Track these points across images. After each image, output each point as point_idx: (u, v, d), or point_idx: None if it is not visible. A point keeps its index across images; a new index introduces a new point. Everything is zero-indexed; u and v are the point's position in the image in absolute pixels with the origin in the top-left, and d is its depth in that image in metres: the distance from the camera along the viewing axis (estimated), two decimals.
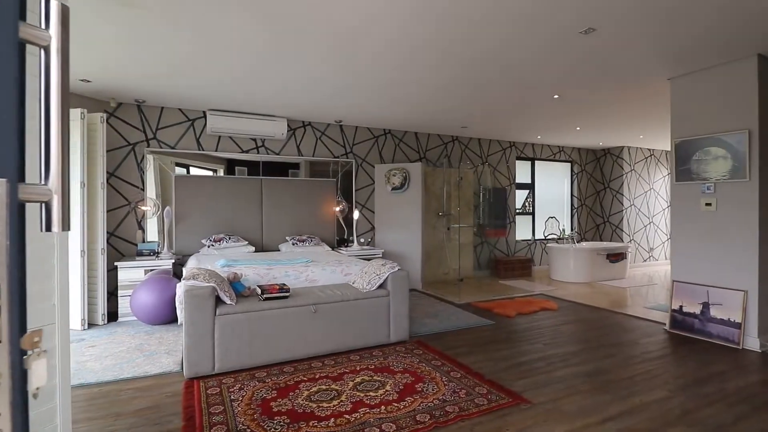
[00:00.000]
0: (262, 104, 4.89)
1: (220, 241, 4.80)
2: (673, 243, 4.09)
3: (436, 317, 4.40)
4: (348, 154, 6.06)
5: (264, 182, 5.39)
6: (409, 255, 6.01)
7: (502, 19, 2.76)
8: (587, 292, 5.84)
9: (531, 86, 4.26)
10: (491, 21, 2.78)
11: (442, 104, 4.96)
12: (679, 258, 4.04)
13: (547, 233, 8.02)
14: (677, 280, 4.02)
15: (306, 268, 3.74)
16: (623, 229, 8.26)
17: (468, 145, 7.13)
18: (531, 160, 7.99)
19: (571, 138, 7.37)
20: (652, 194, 8.67)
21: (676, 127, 4.04)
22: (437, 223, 6.67)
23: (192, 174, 5.14)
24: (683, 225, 4.00)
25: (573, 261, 6.71)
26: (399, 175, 5.98)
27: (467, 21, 2.78)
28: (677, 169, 4.02)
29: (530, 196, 8.03)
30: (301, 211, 5.58)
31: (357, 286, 3.54)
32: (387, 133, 6.37)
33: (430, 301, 5.20)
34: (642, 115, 5.54)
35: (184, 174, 5.07)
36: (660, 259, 8.78)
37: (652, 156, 8.66)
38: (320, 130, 5.87)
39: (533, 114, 5.47)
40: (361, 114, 5.45)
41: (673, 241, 4.09)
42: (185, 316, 2.78)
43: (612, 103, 4.94)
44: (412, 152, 6.58)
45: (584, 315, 4.59)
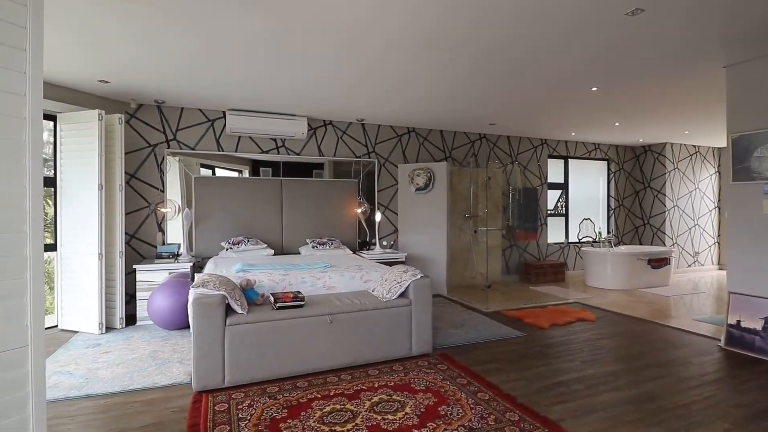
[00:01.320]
0: (281, 103, 4.74)
1: (238, 244, 4.69)
2: (729, 250, 3.66)
3: (462, 327, 4.12)
4: (370, 154, 5.86)
5: (284, 183, 5.25)
6: (433, 258, 5.74)
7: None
8: (627, 301, 5.41)
9: (567, 77, 3.91)
10: (522, 1, 2.50)
11: (469, 99, 4.67)
12: (736, 267, 3.61)
13: (582, 236, 7.56)
14: (734, 291, 3.60)
15: (323, 274, 3.55)
16: (665, 232, 7.70)
17: (496, 143, 6.78)
18: (564, 159, 7.56)
19: (609, 134, 6.90)
20: (698, 194, 8.05)
21: (733, 120, 3.60)
22: (463, 225, 6.37)
23: (211, 175, 5.05)
24: (741, 230, 3.56)
25: (611, 266, 6.27)
26: (423, 175, 5.72)
27: (495, 1, 2.50)
28: (734, 167, 3.59)
29: (563, 197, 7.59)
30: (322, 213, 5.41)
31: (377, 295, 3.32)
32: (411, 131, 6.12)
33: (455, 308, 4.92)
34: (690, 108, 5.06)
35: (203, 175, 4.99)
36: (706, 264, 8.15)
37: (697, 153, 8.04)
38: (341, 130, 5.68)
39: (568, 109, 5.10)
40: (383, 112, 5.23)
41: (730, 248, 3.66)
42: (193, 326, 2.63)
43: (657, 95, 4.52)
44: (437, 151, 6.31)
45: (626, 327, 4.20)
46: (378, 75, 3.80)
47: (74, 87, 4.05)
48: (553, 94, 4.43)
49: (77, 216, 3.91)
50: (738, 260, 3.59)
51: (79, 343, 3.65)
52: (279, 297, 2.94)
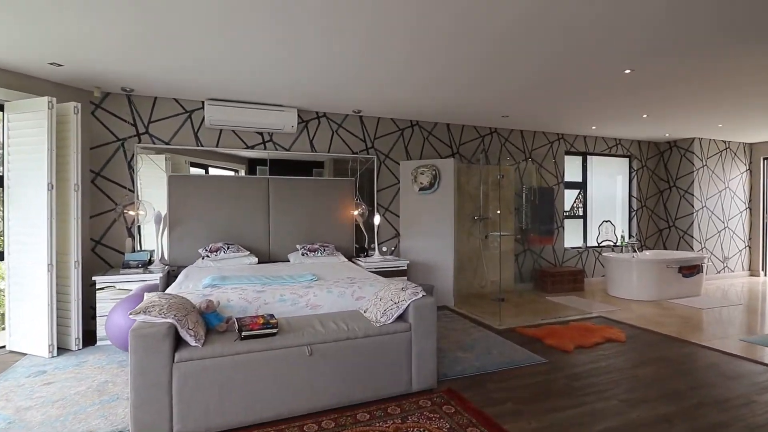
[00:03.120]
0: (268, 92, 4.18)
1: (217, 251, 4.13)
2: None
3: (472, 350, 3.53)
4: (369, 150, 5.28)
5: (271, 182, 4.69)
6: (439, 266, 5.15)
7: None
8: (657, 315, 4.78)
9: (597, 57, 3.31)
10: None
11: (480, 86, 4.08)
12: None
13: (601, 240, 6.92)
14: None
15: (307, 291, 2.98)
16: (693, 235, 7.04)
17: (509, 138, 6.17)
18: (582, 155, 6.92)
19: (633, 128, 6.26)
20: (728, 194, 7.38)
21: None
22: (472, 229, 5.77)
23: (187, 174, 4.50)
24: None
25: (636, 274, 5.64)
26: (428, 173, 5.13)
27: None
28: None
29: (581, 197, 6.96)
30: (314, 216, 4.84)
31: (369, 317, 2.74)
32: (414, 125, 5.53)
33: (463, 324, 4.33)
34: (733, 93, 4.41)
35: (178, 174, 4.44)
36: (737, 270, 7.47)
37: (727, 149, 7.37)
38: (337, 122, 5.11)
39: (593, 97, 4.47)
40: (383, 102, 4.64)
41: None
42: (131, 365, 2.07)
43: (701, 79, 3.88)
44: (444, 147, 5.71)
45: (663, 350, 3.58)
46: (378, 55, 3.22)
47: (23, 71, 3.51)
48: (580, 77, 3.82)
49: (24, 220, 3.37)
50: None
51: (21, 370, 3.11)
52: (246, 323, 2.37)
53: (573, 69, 3.59)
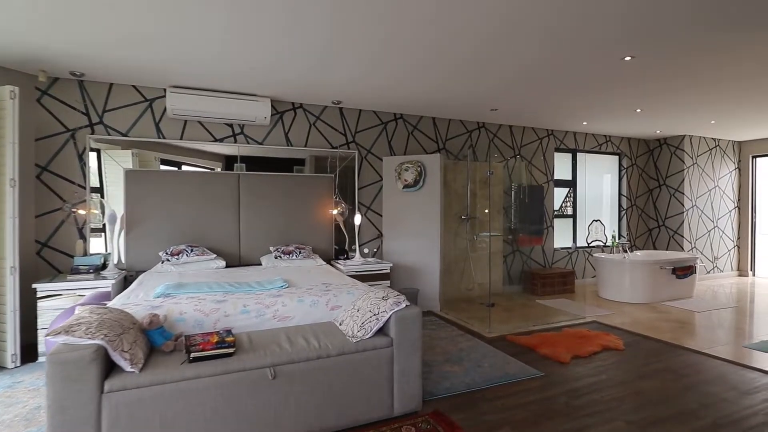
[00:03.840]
0: (237, 79, 3.80)
1: (179, 255, 3.73)
2: None
3: (461, 362, 3.21)
4: (349, 144, 4.92)
5: (242, 179, 4.29)
6: (424, 269, 4.83)
7: None
8: (653, 319, 4.55)
9: (595, 42, 3.02)
10: None
11: (467, 76, 3.76)
12: None
13: (591, 240, 6.71)
14: None
15: (276, 300, 2.61)
16: (683, 235, 6.88)
17: (497, 133, 5.89)
18: (572, 152, 6.69)
19: (625, 124, 6.05)
20: (717, 193, 7.25)
21: None
22: (459, 229, 5.47)
23: (146, 169, 4.08)
24: None
25: (629, 276, 5.41)
26: (412, 169, 4.81)
27: None
28: None
29: (570, 195, 6.73)
30: (290, 215, 4.47)
31: (345, 330, 2.39)
32: (398, 118, 5.19)
33: (451, 332, 4.01)
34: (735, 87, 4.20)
35: (136, 169, 4.02)
36: (726, 270, 7.35)
37: (717, 147, 7.24)
38: (314, 114, 4.74)
39: (588, 88, 4.21)
40: (364, 93, 4.30)
41: None
42: (48, 396, 1.68)
43: (702, 68, 3.64)
44: (429, 142, 5.39)
45: (665, 359, 3.33)
46: (352, 38, 2.87)
47: None
48: (577, 65, 3.53)
49: None
50: None
51: None
52: (196, 342, 2.00)
53: (569, 56, 3.30)
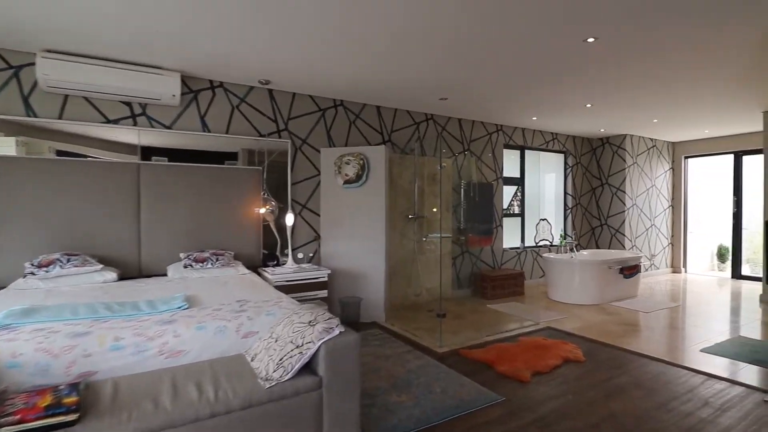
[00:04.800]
0: (136, 45, 3.02)
1: (50, 265, 2.88)
2: None
3: (409, 388, 2.70)
4: (281, 133, 4.25)
5: (144, 170, 3.49)
6: (368, 274, 4.28)
7: None
8: (605, 322, 4.35)
9: (557, 21, 2.64)
10: None
11: (412, 56, 3.27)
12: None
13: (539, 239, 6.54)
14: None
15: (165, 328, 1.94)
16: (624, 234, 6.93)
17: (446, 126, 5.49)
18: (521, 149, 6.48)
19: (572, 122, 5.90)
20: (654, 192, 7.41)
21: None
22: (406, 229, 4.99)
23: (9, 155, 3.16)
24: None
25: (578, 276, 5.23)
26: (354, 162, 4.25)
27: None
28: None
29: (519, 193, 6.51)
30: (207, 215, 3.73)
31: (256, 369, 1.78)
32: (338, 105, 4.60)
33: (397, 347, 3.50)
34: (686, 87, 4.07)
35: None
36: (661, 267, 7.54)
37: (654, 147, 7.39)
38: (238, 96, 4.02)
39: (544, 77, 3.88)
40: (298, 73, 3.67)
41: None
42: None
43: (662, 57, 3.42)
44: (373, 133, 4.86)
45: (629, 371, 3.04)
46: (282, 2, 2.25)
47: None
48: (535, 46, 3.15)
49: None
50: None
51: None
52: (13, 409, 1.30)
53: (529, 36, 2.91)
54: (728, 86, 4.18)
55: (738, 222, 6.93)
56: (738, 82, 4.03)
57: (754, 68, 3.67)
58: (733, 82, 4.03)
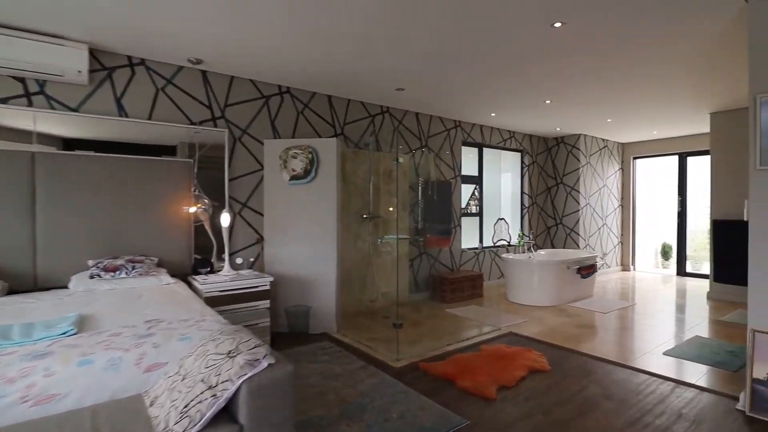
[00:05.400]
0: (32, 5, 2.43)
1: None
2: (753, 269, 2.46)
3: (363, 415, 2.33)
4: (217, 121, 3.74)
5: (39, 159, 2.88)
6: (318, 279, 3.87)
7: None
8: (566, 325, 4.20)
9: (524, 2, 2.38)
10: None
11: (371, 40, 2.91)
12: (763, 294, 2.42)
13: (497, 239, 6.39)
14: (761, 329, 2.41)
15: (35, 364, 1.45)
16: (579, 233, 6.95)
17: (403, 120, 5.17)
18: (479, 147, 6.30)
19: (530, 119, 5.79)
20: (605, 191, 7.52)
21: (763, 75, 2.41)
22: (360, 230, 4.62)
23: None
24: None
25: (537, 277, 5.10)
26: (302, 156, 3.82)
27: None
28: (763, 145, 2.40)
29: (477, 193, 6.33)
30: (123, 215, 3.16)
31: (154, 419, 1.33)
32: (284, 92, 4.15)
33: (349, 363, 3.11)
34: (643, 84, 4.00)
35: None
36: (612, 265, 7.66)
37: (605, 147, 7.49)
38: (164, 76, 3.47)
39: (504, 65, 3.64)
40: (236, 53, 3.20)
41: (753, 266, 2.46)
42: None
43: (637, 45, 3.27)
44: (324, 125, 4.44)
45: (598, 380, 2.84)
46: None
47: None
48: (499, 31, 2.88)
49: None
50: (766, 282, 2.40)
51: None
52: None
53: (491, 21, 2.63)
54: (680, 86, 4.17)
55: (683, 221, 7.15)
56: (690, 81, 4.01)
57: (705, 70, 3.63)
58: (688, 80, 4.00)
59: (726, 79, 4.01)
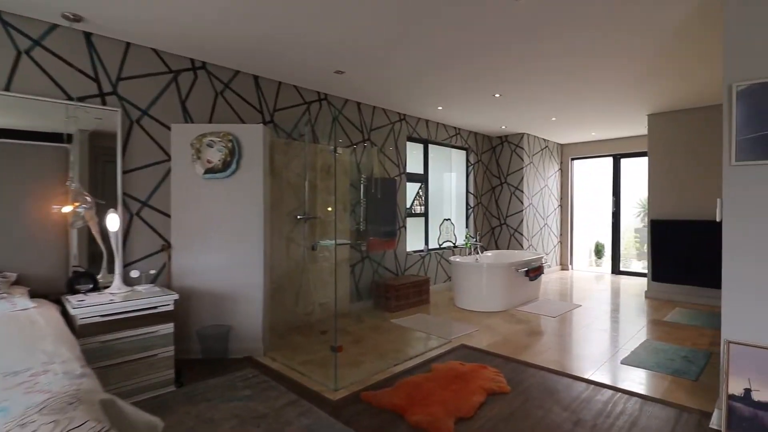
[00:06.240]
0: None
1: None
2: (727, 275, 2.24)
3: None
4: (105, 97, 2.97)
5: None
6: (241, 293, 3.23)
7: None
8: (519, 333, 3.93)
9: None
10: None
11: (306, 4, 2.37)
12: (738, 301, 2.20)
13: (443, 241, 6.08)
14: (736, 341, 2.20)
15: None
16: (522, 233, 6.85)
17: (343, 110, 4.65)
18: (425, 143, 5.94)
19: (476, 115, 5.52)
20: (546, 192, 7.53)
21: (740, 62, 2.19)
22: (294, 233, 4.03)
23: None
24: (751, 242, 2.17)
25: (486, 281, 4.81)
26: (220, 145, 3.16)
27: None
28: (740, 138, 2.18)
29: (422, 192, 5.96)
30: None
31: None
32: (198, 67, 3.45)
33: (276, 398, 2.53)
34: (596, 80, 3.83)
35: None
36: (552, 265, 7.70)
37: (546, 148, 7.50)
38: (29, 36, 2.66)
39: (456, 50, 3.25)
40: (133, 11, 2.49)
41: (727, 271, 2.24)
42: None
43: (582, 35, 3.01)
44: (249, 110, 3.80)
45: (560, 400, 2.52)
46: None
47: None
48: (451, 4, 2.47)
49: None
50: (743, 290, 2.18)
51: None
52: None
53: None
54: (624, 83, 4.07)
55: (617, 221, 7.32)
56: (632, 79, 3.91)
57: (649, 68, 3.52)
58: (630, 77, 3.89)
59: (667, 79, 3.98)
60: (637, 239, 9.09)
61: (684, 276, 5.14)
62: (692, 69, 3.71)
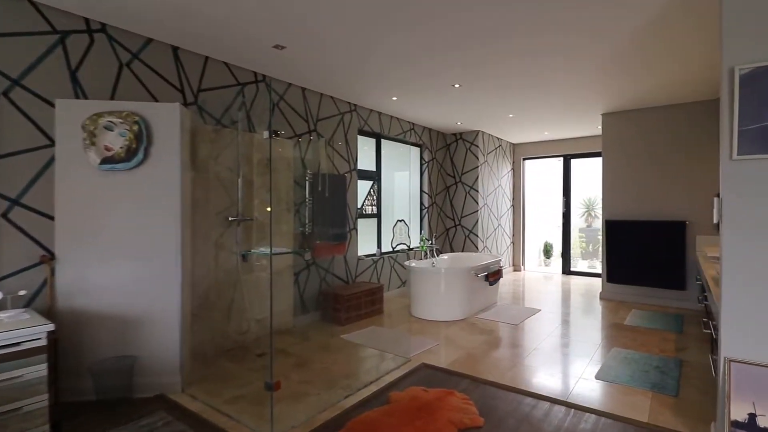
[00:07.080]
0: None
1: None
2: (726, 285, 1.97)
3: None
4: None
5: None
6: (150, 316, 2.56)
7: None
8: (482, 346, 3.57)
9: None
10: None
11: None
12: (739, 314, 1.93)
13: (396, 243, 5.66)
14: (738, 360, 1.93)
15: None
16: (477, 234, 6.60)
17: (284, 95, 4.06)
18: (377, 137, 5.47)
19: (432, 108, 5.14)
20: (500, 192, 7.35)
21: (741, 43, 1.92)
22: (224, 239, 3.39)
23: None
24: (754, 247, 1.90)
25: (444, 287, 4.44)
26: (123, 128, 2.48)
27: None
28: (741, 128, 1.91)
29: (374, 191, 5.50)
30: None
31: None
32: (96, 30, 2.73)
33: None
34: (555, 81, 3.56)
35: None
36: (505, 266, 7.55)
37: (500, 147, 7.33)
38: None
39: (416, 24, 2.81)
40: None
41: (726, 280, 1.96)
42: None
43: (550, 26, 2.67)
44: (166, 88, 3.11)
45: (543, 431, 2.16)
46: None
47: None
48: None
49: None
50: (746, 300, 1.92)
51: None
52: None
53: None
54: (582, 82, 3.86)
55: (567, 221, 7.30)
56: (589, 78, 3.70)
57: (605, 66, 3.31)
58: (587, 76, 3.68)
59: (621, 80, 3.84)
60: (582, 239, 9.26)
61: (638, 277, 5.09)
62: (647, 70, 3.56)
